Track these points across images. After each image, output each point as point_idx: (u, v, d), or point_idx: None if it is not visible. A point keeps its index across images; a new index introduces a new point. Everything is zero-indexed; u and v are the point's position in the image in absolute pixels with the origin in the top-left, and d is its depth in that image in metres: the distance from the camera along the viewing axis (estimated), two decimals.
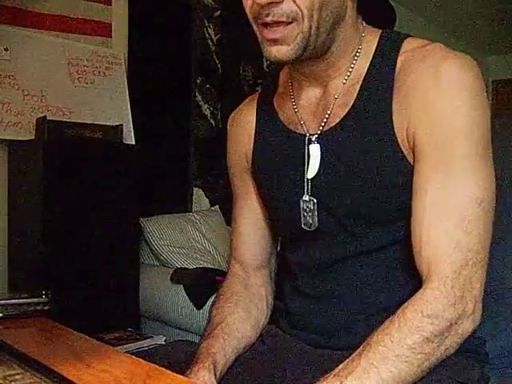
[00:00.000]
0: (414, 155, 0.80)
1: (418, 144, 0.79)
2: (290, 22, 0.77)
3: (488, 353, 0.93)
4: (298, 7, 0.76)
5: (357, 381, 0.70)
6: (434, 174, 0.78)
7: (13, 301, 0.99)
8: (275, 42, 0.79)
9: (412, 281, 0.83)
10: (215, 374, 0.85)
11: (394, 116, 0.81)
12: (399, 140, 0.81)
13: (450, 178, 0.77)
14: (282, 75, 0.99)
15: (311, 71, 0.87)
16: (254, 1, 0.76)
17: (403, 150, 0.81)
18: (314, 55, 0.83)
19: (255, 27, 0.81)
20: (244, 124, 1.01)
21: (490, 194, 0.78)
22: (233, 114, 1.06)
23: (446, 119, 0.77)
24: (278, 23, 0.77)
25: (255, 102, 1.01)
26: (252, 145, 0.98)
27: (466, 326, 0.76)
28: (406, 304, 0.76)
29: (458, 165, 0.77)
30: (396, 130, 0.81)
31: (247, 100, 1.06)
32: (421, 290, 0.77)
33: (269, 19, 0.77)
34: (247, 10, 0.81)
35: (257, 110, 0.99)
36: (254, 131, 0.98)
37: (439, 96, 0.78)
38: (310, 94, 0.91)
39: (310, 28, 0.78)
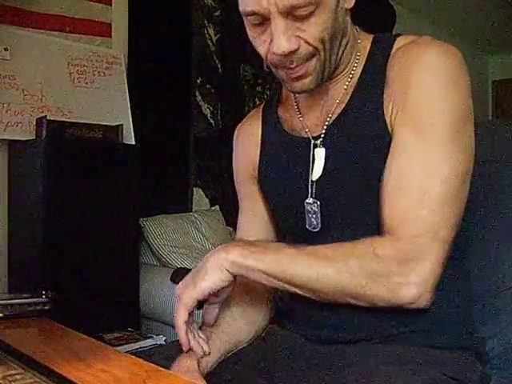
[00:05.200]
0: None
1: (393, 124, 0.82)
2: (309, 59, 0.82)
3: (489, 352, 0.93)
4: (313, 46, 0.81)
5: (275, 255, 0.79)
6: (402, 150, 0.80)
7: (13, 301, 0.99)
8: (299, 77, 0.84)
9: None
10: (198, 362, 0.84)
11: (385, 107, 0.84)
12: (390, 131, 0.83)
13: (415, 157, 0.79)
14: None
15: None
16: (274, 52, 0.80)
17: None
18: None
19: (273, 68, 0.86)
20: (250, 134, 1.04)
21: (457, 176, 0.79)
22: (239, 125, 1.09)
23: (419, 99, 0.80)
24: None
25: (260, 112, 1.05)
26: (258, 153, 1.01)
27: (405, 292, 0.76)
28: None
29: (425, 144, 0.79)
30: (387, 123, 0.83)
31: (253, 111, 1.10)
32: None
33: (293, 65, 0.82)
34: (262, 55, 0.85)
35: (262, 119, 1.03)
36: (260, 140, 1.02)
37: (416, 79, 0.81)
38: (314, 102, 0.94)
39: (325, 57, 0.83)
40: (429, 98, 0.80)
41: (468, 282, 0.92)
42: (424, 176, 0.78)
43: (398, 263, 0.76)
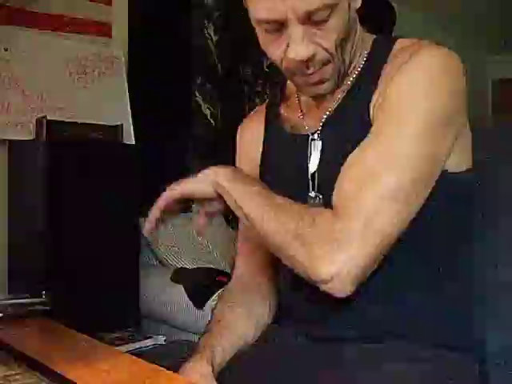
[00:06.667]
0: None
1: (373, 115, 0.83)
2: (325, 64, 0.83)
3: (489, 352, 0.93)
4: (328, 52, 0.82)
5: (247, 188, 0.83)
6: (370, 137, 0.81)
7: (13, 301, 0.99)
8: (316, 83, 0.85)
9: (408, 269, 0.83)
10: (212, 366, 0.86)
11: (372, 102, 0.84)
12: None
13: (376, 142, 0.79)
14: (289, 84, 1.03)
15: None
16: (292, 59, 0.81)
17: None
18: None
19: (288, 74, 0.87)
20: (253, 131, 1.05)
21: (413, 172, 0.78)
22: (242, 123, 1.10)
23: (399, 92, 0.80)
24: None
25: (264, 110, 1.05)
26: (261, 151, 1.02)
27: (321, 269, 0.75)
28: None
29: (393, 136, 0.79)
30: (371, 115, 0.84)
31: (256, 109, 1.11)
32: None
33: (310, 71, 0.83)
34: (276, 61, 0.85)
35: (265, 118, 1.04)
36: (262, 139, 1.02)
37: (401, 76, 0.81)
38: (316, 100, 0.94)
39: (339, 61, 0.84)
40: (408, 93, 0.80)
41: (468, 282, 0.92)
42: (381, 165, 0.77)
43: (326, 238, 0.76)
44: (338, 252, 0.75)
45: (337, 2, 0.78)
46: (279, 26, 0.79)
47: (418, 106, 0.79)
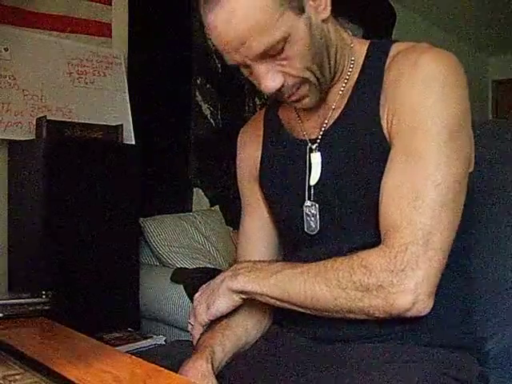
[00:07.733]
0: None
1: (391, 132, 0.83)
2: (299, 87, 0.85)
3: (489, 352, 0.93)
4: (299, 77, 0.83)
5: (276, 277, 0.83)
6: (398, 157, 0.81)
7: (13, 301, 0.99)
8: (298, 100, 0.87)
9: None
10: (212, 365, 0.86)
11: (381, 112, 0.84)
12: (387, 136, 0.84)
13: (410, 161, 0.79)
14: None
15: None
16: (264, 90, 0.83)
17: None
18: None
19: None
20: (253, 135, 1.05)
21: (452, 181, 0.79)
22: (243, 128, 1.11)
23: (414, 104, 0.81)
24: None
25: (263, 114, 1.06)
26: (260, 155, 1.02)
27: (400, 301, 0.76)
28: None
29: (421, 150, 0.79)
30: (384, 128, 0.84)
31: (256, 113, 1.11)
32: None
33: (285, 96, 0.86)
34: (259, 87, 0.86)
35: (264, 121, 1.04)
36: (261, 142, 1.03)
37: (411, 86, 0.81)
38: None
39: (317, 77, 0.85)
40: (424, 103, 0.80)
41: (468, 282, 0.92)
42: (418, 182, 0.78)
43: (388, 273, 0.76)
44: (409, 281, 0.75)
45: (286, 35, 0.78)
46: (247, 65, 0.83)
47: (437, 116, 0.79)
